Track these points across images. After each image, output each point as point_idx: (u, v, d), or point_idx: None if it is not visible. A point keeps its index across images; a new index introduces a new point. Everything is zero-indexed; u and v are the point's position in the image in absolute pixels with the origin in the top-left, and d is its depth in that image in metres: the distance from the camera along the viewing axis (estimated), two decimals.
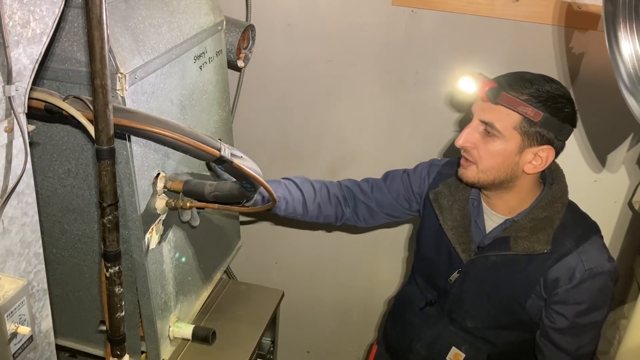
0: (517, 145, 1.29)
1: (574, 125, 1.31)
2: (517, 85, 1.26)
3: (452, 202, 1.48)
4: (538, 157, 1.30)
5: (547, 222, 1.35)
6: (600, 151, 1.77)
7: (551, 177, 1.41)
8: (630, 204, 1.80)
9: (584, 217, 1.43)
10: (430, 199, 1.52)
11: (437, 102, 1.86)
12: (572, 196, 1.46)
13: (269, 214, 1.57)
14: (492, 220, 1.44)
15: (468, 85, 1.34)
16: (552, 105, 1.25)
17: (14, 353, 0.87)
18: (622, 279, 1.90)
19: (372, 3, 1.79)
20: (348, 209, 1.63)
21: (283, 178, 1.60)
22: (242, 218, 2.07)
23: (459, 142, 1.34)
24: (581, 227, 1.39)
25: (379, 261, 2.21)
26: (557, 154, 1.32)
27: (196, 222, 1.45)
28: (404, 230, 2.12)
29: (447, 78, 1.81)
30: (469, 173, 1.36)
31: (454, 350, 1.51)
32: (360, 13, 1.82)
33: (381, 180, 1.65)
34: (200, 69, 1.47)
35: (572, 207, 1.42)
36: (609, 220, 1.86)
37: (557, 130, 1.27)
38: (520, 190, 1.38)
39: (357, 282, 2.28)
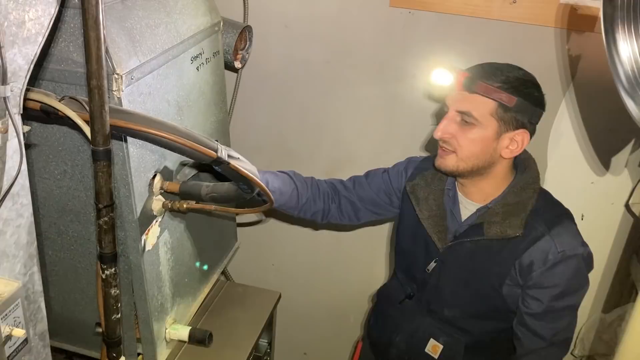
0: (494, 132, 1.33)
1: (543, 109, 1.35)
2: (489, 74, 1.31)
3: (428, 192, 1.52)
4: (514, 142, 1.34)
5: (520, 207, 1.38)
6: (599, 153, 1.77)
7: (523, 165, 1.44)
8: (627, 206, 1.80)
9: (557, 203, 1.45)
10: (407, 191, 1.56)
11: (434, 104, 1.86)
12: (569, 197, 1.47)
13: (265, 212, 1.57)
14: (468, 208, 1.47)
15: (442, 76, 1.36)
16: (524, 90, 1.30)
17: (9, 355, 0.86)
18: (618, 281, 1.91)
19: (370, 4, 1.78)
20: (333, 205, 1.66)
21: (278, 171, 1.61)
22: (239, 219, 2.06)
23: (437, 134, 1.38)
24: (553, 212, 1.41)
25: (376, 263, 2.21)
26: (530, 138, 1.36)
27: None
28: None
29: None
30: (448, 162, 1.39)
31: (432, 342, 1.54)
32: (357, 14, 1.81)
33: (362, 177, 1.69)
34: (198, 70, 1.46)
35: (545, 194, 1.45)
36: (605, 222, 1.86)
37: (531, 114, 1.32)
38: (494, 177, 1.41)
39: (354, 284, 2.27)
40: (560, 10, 1.62)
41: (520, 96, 1.29)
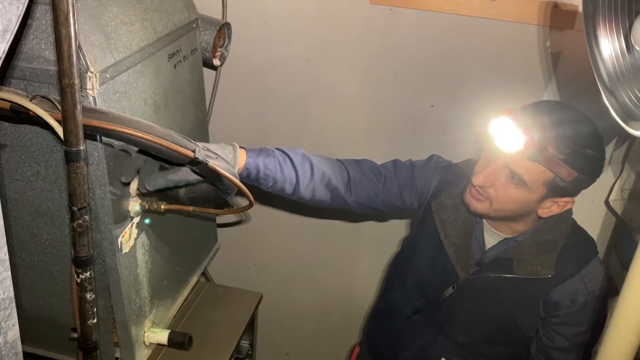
0: (540, 197, 1.26)
1: (596, 179, 1.28)
2: (558, 141, 1.20)
3: (456, 216, 1.43)
4: (556, 205, 1.29)
5: (551, 244, 1.33)
6: None
7: None
8: (607, 203, 1.81)
9: (584, 235, 1.41)
10: (432, 210, 1.46)
11: (415, 101, 1.85)
12: None
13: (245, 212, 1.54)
14: (492, 237, 1.41)
15: (503, 131, 1.21)
16: (586, 166, 1.23)
17: None
18: None
19: (350, 1, 1.77)
20: (349, 196, 1.47)
21: (278, 150, 1.42)
22: (219, 220, 2.04)
23: (478, 182, 1.28)
24: (583, 248, 1.37)
25: (358, 262, 2.20)
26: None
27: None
28: (384, 231, 2.11)
29: (425, 78, 1.80)
30: (480, 207, 1.32)
31: None
32: (338, 11, 1.80)
33: (391, 171, 1.51)
34: (175, 67, 1.44)
35: (576, 229, 1.40)
36: (584, 219, 1.85)
37: (583, 186, 1.27)
38: (527, 221, 1.36)
39: (337, 284, 2.26)
40: (541, 8, 1.62)
41: (580, 172, 1.21)
